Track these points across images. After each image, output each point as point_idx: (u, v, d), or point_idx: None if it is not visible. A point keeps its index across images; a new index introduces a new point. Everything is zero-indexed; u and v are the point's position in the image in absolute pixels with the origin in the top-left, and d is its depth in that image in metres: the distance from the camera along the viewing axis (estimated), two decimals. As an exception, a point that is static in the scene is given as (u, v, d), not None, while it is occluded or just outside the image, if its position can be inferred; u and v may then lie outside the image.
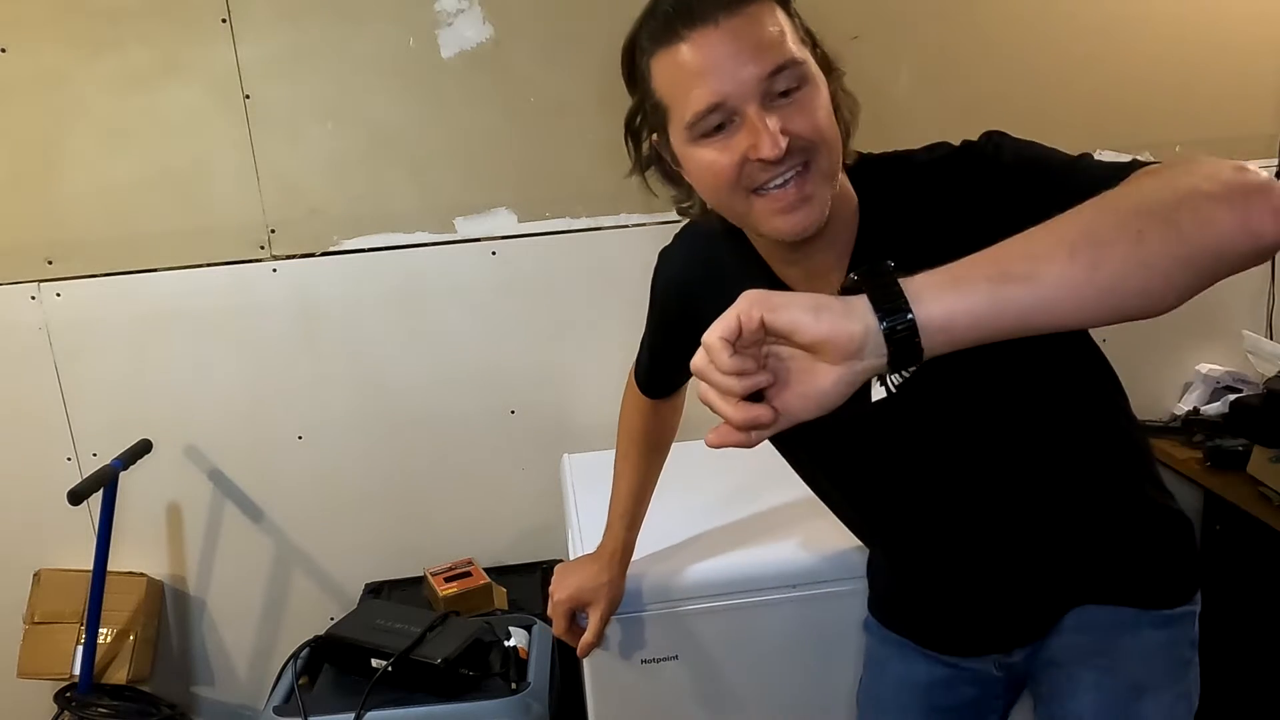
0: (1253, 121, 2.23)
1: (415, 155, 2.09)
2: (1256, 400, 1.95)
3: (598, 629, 1.39)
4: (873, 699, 1.30)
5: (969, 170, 0.95)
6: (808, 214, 0.92)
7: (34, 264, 2.06)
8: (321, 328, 2.14)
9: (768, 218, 0.93)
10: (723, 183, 0.92)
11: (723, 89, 0.88)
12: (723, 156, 0.90)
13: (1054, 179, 0.89)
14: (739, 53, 0.87)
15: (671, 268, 1.22)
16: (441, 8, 2.02)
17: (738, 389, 0.69)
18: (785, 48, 0.89)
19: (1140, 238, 0.68)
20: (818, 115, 0.90)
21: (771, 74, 0.88)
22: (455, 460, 2.22)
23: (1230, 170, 0.72)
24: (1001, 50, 2.15)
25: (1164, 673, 1.12)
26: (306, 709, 1.59)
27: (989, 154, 0.95)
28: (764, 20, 0.89)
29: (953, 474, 1.09)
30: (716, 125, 0.90)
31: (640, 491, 1.41)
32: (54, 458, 2.14)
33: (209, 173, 2.05)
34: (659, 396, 1.37)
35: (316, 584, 2.27)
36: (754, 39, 0.88)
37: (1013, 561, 1.12)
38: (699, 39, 0.88)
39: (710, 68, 0.88)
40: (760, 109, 0.88)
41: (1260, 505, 1.84)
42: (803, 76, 0.90)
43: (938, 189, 0.96)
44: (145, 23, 1.97)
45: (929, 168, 0.98)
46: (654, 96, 0.94)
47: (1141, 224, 0.68)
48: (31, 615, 2.12)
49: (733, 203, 0.94)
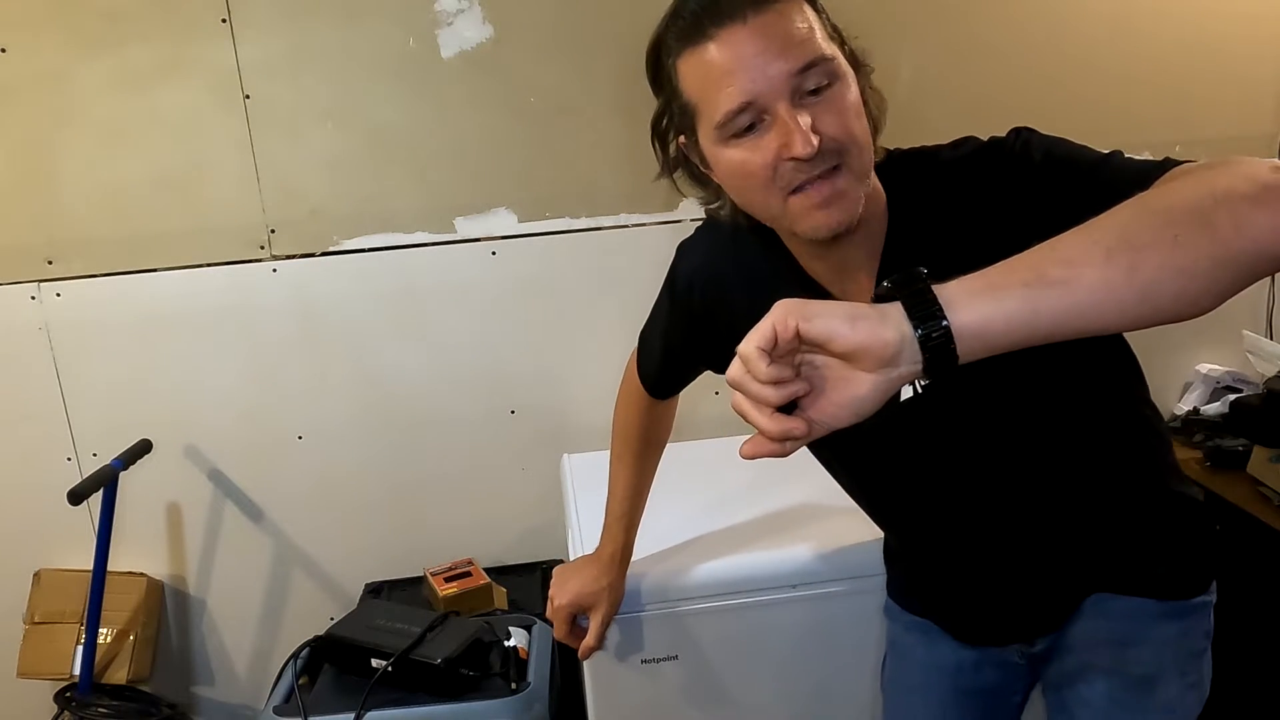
0: (1253, 121, 2.23)
1: (415, 155, 2.09)
2: (1256, 400, 1.95)
3: (599, 632, 1.39)
4: (899, 683, 1.31)
5: (998, 168, 0.95)
6: (841, 211, 0.90)
7: (34, 264, 2.06)
8: (321, 328, 2.14)
9: (801, 216, 0.92)
10: (756, 183, 0.91)
11: (753, 88, 0.87)
12: (755, 156, 0.89)
13: (1084, 178, 0.88)
14: (768, 49, 0.86)
15: (695, 259, 1.17)
16: (441, 8, 2.03)
17: (774, 399, 0.69)
18: (814, 44, 0.88)
19: (1177, 241, 0.68)
20: (848, 114, 0.89)
21: (801, 70, 0.87)
22: (455, 460, 2.22)
23: (1268, 171, 0.71)
24: (1002, 50, 2.15)
25: (1176, 663, 1.13)
26: (306, 709, 1.59)
27: (1017, 151, 0.94)
28: (792, 16, 0.88)
29: (975, 466, 1.08)
30: (748, 125, 0.89)
31: (637, 493, 1.40)
32: (54, 458, 2.14)
33: (209, 173, 2.05)
34: (667, 396, 1.36)
35: (316, 584, 2.27)
36: (783, 35, 0.87)
37: (1034, 552, 1.12)
38: (727, 37, 0.87)
39: (739, 66, 0.87)
40: (791, 107, 0.87)
41: (1260, 505, 1.84)
42: (833, 73, 0.89)
43: (967, 186, 0.96)
44: (145, 23, 1.97)
45: (957, 164, 0.98)
46: (681, 97, 0.93)
47: (1178, 227, 0.68)
48: (31, 615, 2.12)
49: (767, 202, 0.93)
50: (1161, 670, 1.12)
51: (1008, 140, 0.97)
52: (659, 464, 1.43)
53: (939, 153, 1.01)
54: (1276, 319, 2.31)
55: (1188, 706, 1.14)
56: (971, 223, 0.92)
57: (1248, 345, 2.21)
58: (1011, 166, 0.94)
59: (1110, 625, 1.13)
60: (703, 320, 1.16)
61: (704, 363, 1.25)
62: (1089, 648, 1.14)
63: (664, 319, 1.25)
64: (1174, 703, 1.13)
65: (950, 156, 0.99)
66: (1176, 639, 1.13)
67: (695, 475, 1.72)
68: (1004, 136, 0.97)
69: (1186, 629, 1.13)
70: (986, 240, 0.74)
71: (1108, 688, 1.13)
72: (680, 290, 1.18)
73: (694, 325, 1.18)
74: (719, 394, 1.28)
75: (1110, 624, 1.13)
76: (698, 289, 1.15)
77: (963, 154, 0.98)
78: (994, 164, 0.95)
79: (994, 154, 0.96)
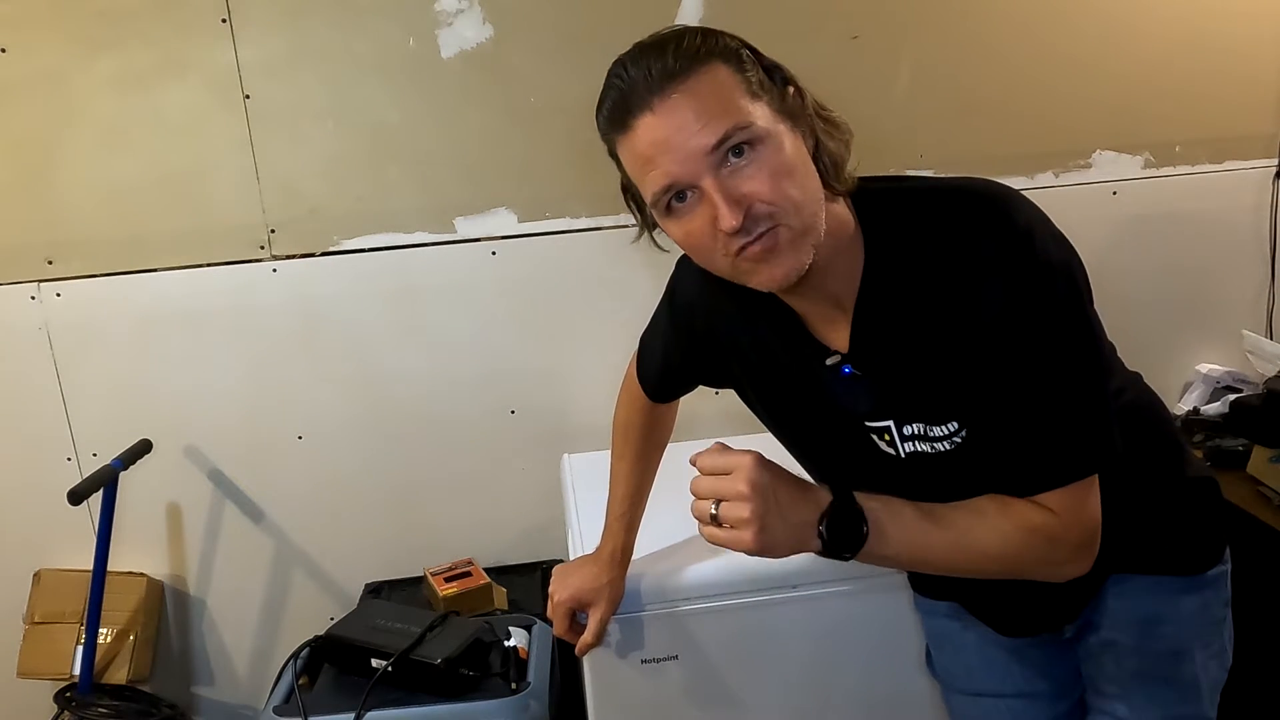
0: (1253, 121, 2.23)
1: (415, 155, 2.09)
2: (1256, 400, 1.95)
3: (597, 630, 1.40)
4: (961, 669, 1.32)
5: (985, 258, 0.92)
6: (784, 267, 0.91)
7: (34, 264, 2.06)
8: (321, 328, 2.14)
9: (748, 274, 0.93)
10: (701, 249, 0.94)
11: (674, 169, 0.89)
12: (694, 226, 0.91)
13: (1020, 395, 0.95)
14: (681, 129, 0.87)
15: (691, 288, 1.17)
16: (441, 8, 2.03)
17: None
18: (729, 113, 0.88)
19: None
20: (778, 176, 0.89)
21: (718, 145, 0.87)
22: (455, 460, 2.22)
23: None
24: (1002, 50, 2.15)
25: (1199, 635, 1.16)
26: (306, 709, 1.59)
27: (1011, 265, 0.91)
28: (701, 91, 0.88)
29: (984, 474, 1.07)
30: (681, 198, 0.91)
31: (638, 492, 1.41)
32: (54, 458, 2.14)
33: (209, 173, 2.05)
34: (666, 401, 1.37)
35: (316, 584, 2.27)
36: (694, 113, 0.87)
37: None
38: (641, 125, 0.89)
39: (657, 151, 0.89)
40: (715, 179, 0.88)
41: (1260, 505, 1.84)
42: (756, 137, 0.88)
43: (946, 229, 0.94)
44: (145, 23, 1.97)
45: (946, 210, 0.96)
46: (624, 176, 0.97)
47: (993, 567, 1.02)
48: (31, 615, 2.12)
49: (716, 265, 0.95)
50: (1186, 644, 1.15)
51: (1017, 243, 0.92)
52: (660, 463, 1.43)
53: (929, 186, 0.99)
54: (1276, 319, 2.32)
55: (1212, 676, 1.17)
56: (947, 268, 0.93)
57: (1248, 345, 2.21)
58: (993, 272, 0.92)
59: (1134, 604, 1.15)
60: (704, 341, 1.17)
61: (701, 379, 1.27)
62: (1114, 627, 1.16)
63: (664, 332, 1.26)
64: (1199, 674, 1.15)
65: (941, 199, 0.97)
66: (1199, 611, 1.16)
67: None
68: (1018, 229, 0.92)
69: (1207, 601, 1.16)
70: (960, 291, 0.85)
71: (1135, 664, 1.16)
72: (679, 309, 1.20)
73: (694, 345, 1.20)
74: (718, 394, 1.28)
75: (1133, 602, 1.15)
76: (699, 314, 1.17)
77: (956, 200, 0.96)
78: (983, 244, 0.92)
79: (992, 234, 0.92)
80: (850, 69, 2.06)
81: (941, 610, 1.31)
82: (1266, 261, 2.30)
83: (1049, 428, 0.96)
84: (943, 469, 1.03)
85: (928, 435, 1.01)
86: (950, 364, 0.96)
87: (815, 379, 1.06)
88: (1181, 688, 1.15)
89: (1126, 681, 1.16)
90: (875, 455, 1.06)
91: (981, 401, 0.97)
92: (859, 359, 1.02)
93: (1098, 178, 2.22)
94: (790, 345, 1.06)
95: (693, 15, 2.04)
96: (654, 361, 1.31)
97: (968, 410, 0.99)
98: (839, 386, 1.04)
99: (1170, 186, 2.24)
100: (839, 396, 1.05)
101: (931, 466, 1.03)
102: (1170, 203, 2.25)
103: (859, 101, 0.96)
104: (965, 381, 0.96)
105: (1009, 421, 0.96)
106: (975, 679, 1.30)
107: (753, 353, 1.11)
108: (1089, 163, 2.22)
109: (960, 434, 1.00)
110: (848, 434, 1.07)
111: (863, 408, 1.04)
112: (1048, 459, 0.97)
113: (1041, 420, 0.95)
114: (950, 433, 1.00)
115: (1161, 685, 1.15)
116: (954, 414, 0.99)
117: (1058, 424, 0.96)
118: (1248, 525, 1.86)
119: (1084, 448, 0.96)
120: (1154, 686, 1.16)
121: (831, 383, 1.04)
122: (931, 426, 1.00)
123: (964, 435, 1.00)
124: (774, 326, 1.06)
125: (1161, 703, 1.15)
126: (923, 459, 1.03)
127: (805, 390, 1.08)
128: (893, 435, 1.04)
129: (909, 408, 1.01)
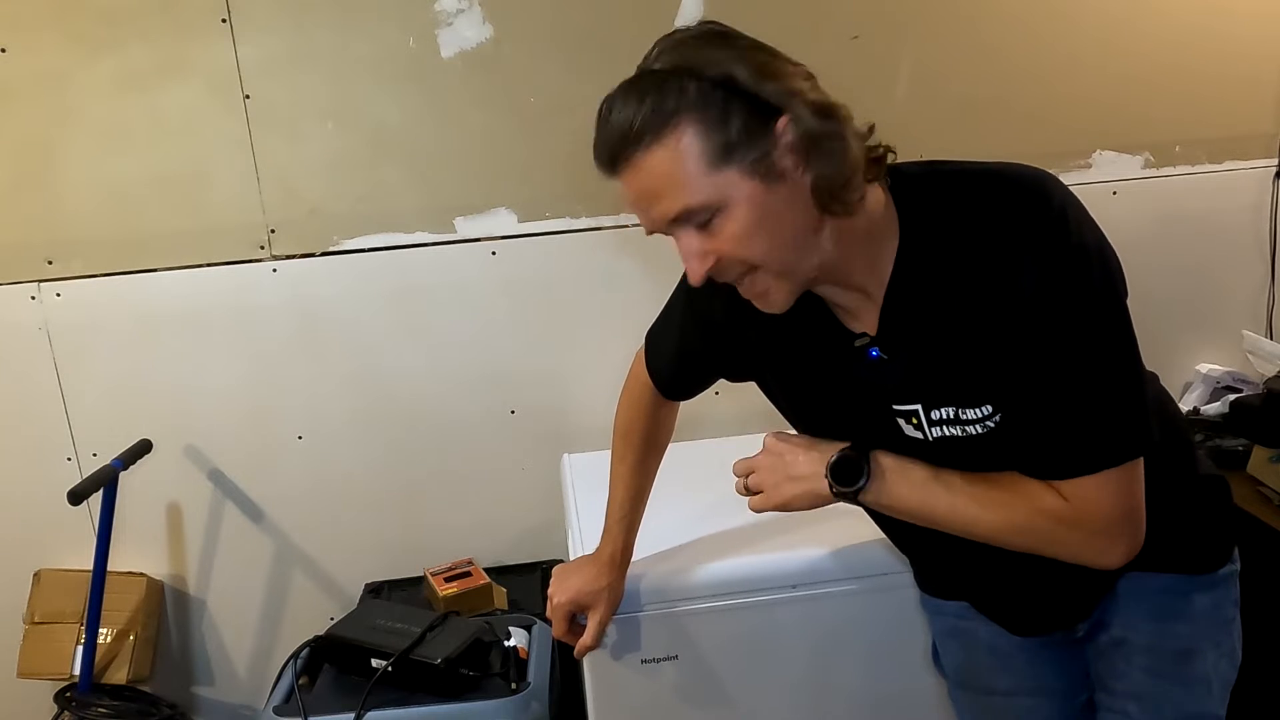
0: (1253, 121, 2.23)
1: (415, 155, 2.09)
2: (1256, 400, 1.95)
3: (596, 632, 1.39)
4: (970, 667, 1.31)
5: (1023, 242, 0.92)
6: (776, 304, 0.97)
7: (34, 264, 2.06)
8: (321, 328, 2.14)
9: (750, 299, 0.99)
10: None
11: (647, 224, 0.96)
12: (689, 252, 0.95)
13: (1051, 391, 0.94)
14: (640, 199, 0.93)
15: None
16: (441, 8, 2.03)
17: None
18: (682, 194, 0.90)
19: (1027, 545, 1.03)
20: (740, 240, 0.91)
21: (673, 220, 0.91)
22: (455, 460, 2.22)
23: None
24: (1002, 50, 2.15)
25: (1210, 634, 1.16)
26: (306, 709, 1.59)
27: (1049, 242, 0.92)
28: (651, 169, 0.90)
29: (1009, 459, 1.06)
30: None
31: (638, 494, 1.40)
32: (54, 458, 2.14)
33: (209, 173, 2.05)
34: (678, 398, 1.36)
35: (316, 584, 2.27)
36: (646, 191, 0.91)
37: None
38: (619, 176, 0.93)
39: (632, 204, 0.95)
40: (682, 237, 0.93)
41: (1260, 505, 1.84)
42: (714, 210, 0.90)
43: (980, 212, 0.94)
44: (145, 23, 1.97)
45: (974, 182, 0.96)
46: None
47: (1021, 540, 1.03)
48: (31, 615, 2.12)
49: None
50: (1198, 643, 1.15)
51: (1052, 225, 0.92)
52: (660, 466, 1.43)
53: (965, 170, 0.99)
54: (1276, 319, 2.32)
55: (1223, 675, 1.17)
56: (982, 250, 0.93)
57: (1248, 345, 2.21)
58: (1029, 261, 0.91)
59: (1147, 603, 1.15)
60: (725, 328, 1.16)
61: (721, 369, 1.25)
62: (1126, 625, 1.16)
63: (680, 322, 1.24)
64: (1210, 673, 1.15)
65: (977, 182, 0.97)
66: (1210, 611, 1.16)
67: (695, 475, 1.72)
68: (1053, 211, 0.93)
69: (1218, 600, 1.16)
70: (994, 273, 0.86)
71: (1146, 662, 1.15)
72: (699, 296, 1.14)
73: (714, 332, 1.18)
74: (718, 394, 1.28)
75: (1147, 602, 1.15)
76: (719, 301, 1.11)
77: (991, 183, 0.96)
78: (1018, 226, 0.93)
79: (1027, 216, 0.93)
80: (850, 69, 2.06)
81: (950, 610, 1.30)
82: (1266, 261, 2.30)
83: (1079, 413, 0.95)
84: (969, 453, 1.02)
85: (960, 419, 1.01)
86: (984, 346, 0.96)
87: (841, 363, 1.05)
88: (1193, 687, 1.15)
89: (1137, 680, 1.16)
90: (900, 440, 1.05)
91: (1016, 384, 0.96)
92: (887, 341, 1.02)
93: (1098, 178, 2.22)
94: (816, 330, 1.06)
95: (693, 15, 2.04)
96: (668, 352, 1.29)
97: (1003, 393, 0.98)
98: (865, 370, 1.04)
99: (1170, 186, 2.24)
100: (865, 380, 1.04)
101: (959, 450, 1.02)
102: (1170, 203, 2.25)
103: (859, 101, 0.96)
104: (1000, 364, 0.96)
105: (1042, 405, 0.95)
106: (985, 677, 1.30)
107: (776, 339, 1.10)
108: (1089, 163, 2.22)
109: (995, 417, 0.99)
110: (872, 418, 1.06)
111: (890, 390, 1.03)
112: (1075, 446, 0.96)
113: (1072, 405, 0.95)
114: (985, 415, 0.99)
115: (1173, 684, 1.15)
116: (989, 397, 0.98)
117: (1088, 410, 0.95)
118: (1248, 525, 1.86)
119: (1115, 435, 0.96)
120: (1165, 685, 1.15)
121: (858, 367, 1.04)
122: (965, 409, 1.00)
123: (998, 419, 0.99)
124: (798, 312, 1.04)
125: (1172, 702, 1.15)
126: (951, 443, 1.02)
127: (830, 375, 1.07)
128: (920, 419, 1.03)
129: (941, 391, 1.01)
